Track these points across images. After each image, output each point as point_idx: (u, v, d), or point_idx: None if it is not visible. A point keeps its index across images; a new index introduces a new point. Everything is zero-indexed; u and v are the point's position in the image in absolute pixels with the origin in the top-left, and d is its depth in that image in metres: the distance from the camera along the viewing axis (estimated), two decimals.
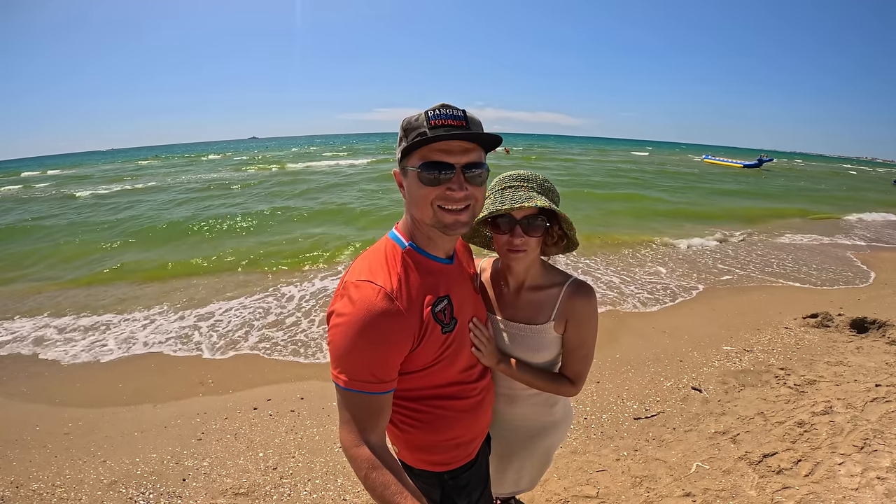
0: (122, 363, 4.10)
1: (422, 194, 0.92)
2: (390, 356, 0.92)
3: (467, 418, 1.14)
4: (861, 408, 2.71)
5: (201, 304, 5.42)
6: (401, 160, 0.95)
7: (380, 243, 1.04)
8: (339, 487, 2.39)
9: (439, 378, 1.06)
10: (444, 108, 0.89)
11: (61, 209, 14.10)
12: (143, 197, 16.03)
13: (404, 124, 0.92)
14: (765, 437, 2.53)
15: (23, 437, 3.01)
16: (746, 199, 15.76)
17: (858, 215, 12.88)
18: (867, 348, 3.72)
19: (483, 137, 0.91)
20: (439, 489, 1.17)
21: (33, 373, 3.98)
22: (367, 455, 0.88)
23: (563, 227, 1.18)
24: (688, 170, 29.70)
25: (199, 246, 8.56)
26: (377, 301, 0.88)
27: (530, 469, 1.57)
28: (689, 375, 3.43)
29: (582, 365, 1.26)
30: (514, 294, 1.27)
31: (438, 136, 0.86)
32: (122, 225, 10.84)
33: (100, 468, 2.64)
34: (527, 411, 1.40)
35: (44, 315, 5.28)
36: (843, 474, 2.15)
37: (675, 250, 7.94)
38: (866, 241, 9.44)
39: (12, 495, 2.42)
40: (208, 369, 3.91)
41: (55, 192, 19.23)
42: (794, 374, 3.28)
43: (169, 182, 20.93)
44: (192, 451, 2.77)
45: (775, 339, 4.06)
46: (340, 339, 0.89)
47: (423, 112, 0.90)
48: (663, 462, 2.41)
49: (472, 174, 0.92)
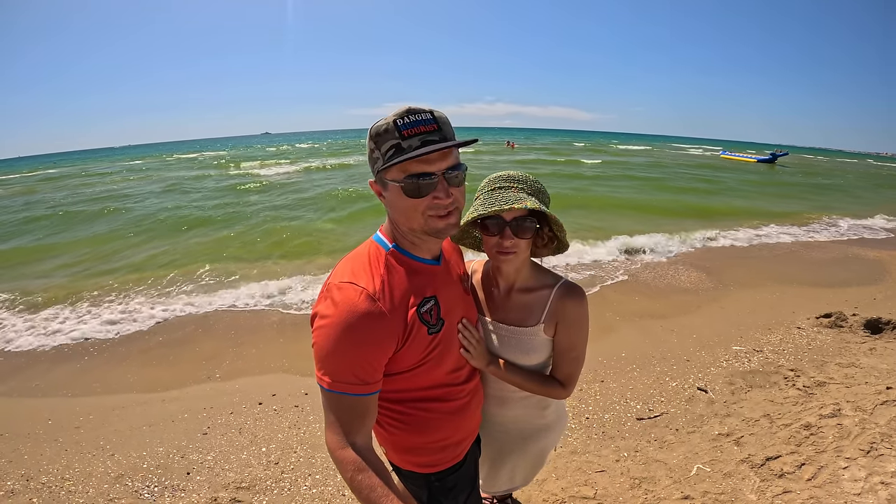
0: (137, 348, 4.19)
1: (409, 205, 0.91)
2: (374, 357, 0.92)
3: (454, 420, 1.14)
4: (870, 411, 2.65)
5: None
6: (377, 173, 0.93)
7: (363, 246, 1.04)
8: (339, 483, 2.41)
9: (426, 380, 1.06)
10: (413, 114, 0.87)
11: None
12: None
13: (372, 133, 0.90)
14: (769, 440, 2.49)
15: (35, 430, 3.09)
16: (759, 198, 15.45)
17: (877, 213, 12.54)
18: (881, 350, 3.63)
19: (459, 143, 0.90)
20: (426, 490, 1.17)
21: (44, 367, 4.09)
22: (352, 457, 0.88)
23: (554, 229, 1.17)
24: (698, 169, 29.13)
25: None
26: (360, 302, 0.88)
27: (524, 468, 1.57)
28: (695, 375, 3.38)
29: (573, 367, 1.25)
30: (505, 296, 1.26)
31: (419, 152, 0.84)
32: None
33: (108, 462, 2.70)
34: (518, 413, 1.39)
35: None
36: (846, 479, 2.10)
37: (687, 246, 7.83)
38: (885, 239, 9.20)
39: (22, 488, 2.49)
40: (215, 364, 3.97)
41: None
42: (803, 376, 3.22)
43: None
44: (197, 444, 2.82)
45: (787, 339, 3.98)
46: (324, 340, 0.89)
47: (391, 120, 0.87)
48: (664, 464, 2.39)
49: (452, 176, 0.92)
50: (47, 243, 9.19)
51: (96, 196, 16.19)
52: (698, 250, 7.71)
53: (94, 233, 9.91)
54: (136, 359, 4.17)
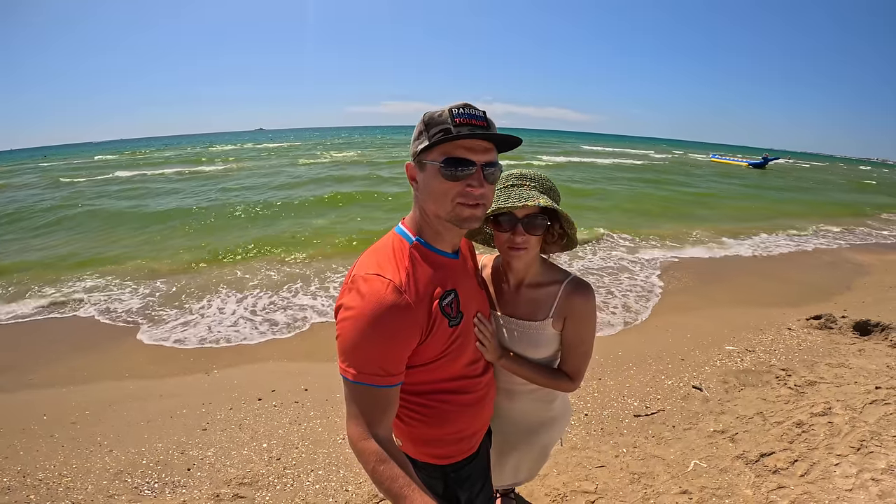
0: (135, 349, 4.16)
1: (443, 189, 0.93)
2: (399, 349, 0.93)
3: (471, 412, 1.16)
4: (860, 409, 2.72)
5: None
6: (418, 154, 0.95)
7: (386, 238, 1.05)
8: (342, 478, 2.42)
9: (445, 372, 1.07)
10: (468, 108, 0.91)
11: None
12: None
13: (426, 118, 0.93)
14: (763, 437, 2.55)
15: (30, 426, 3.06)
16: (754, 199, 15.67)
17: (866, 217, 12.78)
18: (869, 351, 3.71)
19: (506, 139, 0.94)
20: (442, 482, 1.19)
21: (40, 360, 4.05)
22: (374, 448, 0.89)
23: (564, 226, 1.20)
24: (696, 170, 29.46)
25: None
26: (386, 294, 0.89)
27: (528, 462, 1.60)
28: (690, 374, 3.44)
29: (580, 362, 1.28)
30: (514, 291, 1.29)
31: (466, 135, 0.88)
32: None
33: (106, 457, 2.68)
34: (526, 406, 1.42)
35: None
36: (838, 475, 2.16)
37: (681, 249, 7.93)
38: (874, 243, 9.39)
39: (19, 484, 2.46)
40: (212, 359, 3.96)
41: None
42: (794, 375, 3.29)
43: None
44: (196, 440, 2.81)
45: (778, 339, 4.06)
46: (349, 332, 0.90)
47: (447, 109, 0.91)
48: (662, 459, 2.43)
49: (489, 172, 0.94)
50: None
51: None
52: (692, 251, 7.81)
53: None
54: (134, 356, 4.14)
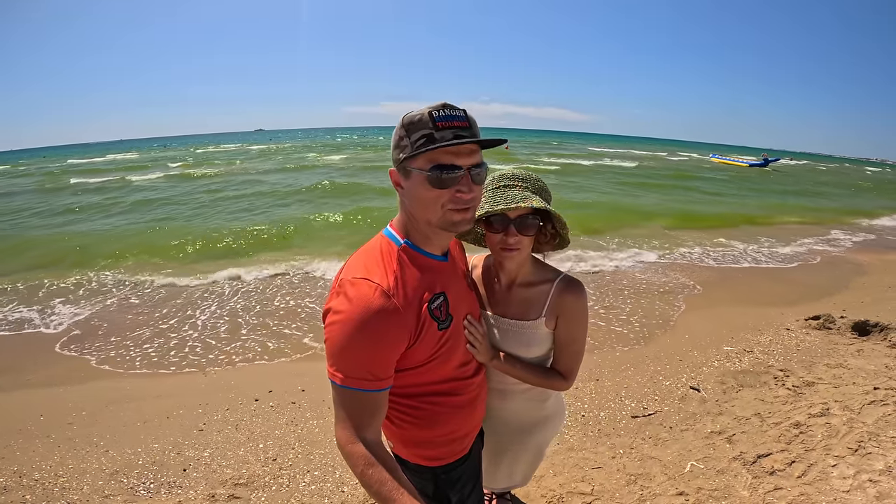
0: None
1: (431, 196, 0.91)
2: (387, 354, 0.93)
3: (462, 414, 1.15)
4: (858, 410, 2.71)
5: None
6: (402, 160, 0.92)
7: (374, 241, 1.04)
8: (338, 479, 2.42)
9: (435, 374, 1.07)
10: (448, 109, 0.88)
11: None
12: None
13: (405, 122, 0.90)
14: (760, 438, 2.54)
15: (27, 426, 3.06)
16: (752, 200, 15.65)
17: (866, 218, 12.76)
18: (868, 351, 3.70)
19: (488, 141, 0.92)
20: (433, 483, 1.19)
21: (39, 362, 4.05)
22: (362, 452, 0.88)
23: (556, 226, 1.20)
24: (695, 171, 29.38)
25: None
26: (374, 298, 0.89)
27: (523, 463, 1.59)
28: (688, 375, 3.43)
29: (573, 360, 1.28)
30: (506, 290, 1.29)
31: (452, 141, 0.86)
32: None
33: (102, 458, 2.68)
34: (519, 406, 1.42)
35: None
36: (835, 476, 2.16)
37: (678, 252, 7.92)
38: (874, 243, 9.37)
39: (15, 484, 2.46)
40: (210, 359, 3.96)
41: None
42: (793, 376, 3.28)
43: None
44: (193, 441, 2.81)
45: (776, 340, 4.05)
46: (337, 336, 0.89)
47: (426, 111, 0.88)
48: (658, 461, 2.43)
49: (476, 173, 0.93)
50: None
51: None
52: (692, 252, 7.80)
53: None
54: (130, 353, 4.14)
